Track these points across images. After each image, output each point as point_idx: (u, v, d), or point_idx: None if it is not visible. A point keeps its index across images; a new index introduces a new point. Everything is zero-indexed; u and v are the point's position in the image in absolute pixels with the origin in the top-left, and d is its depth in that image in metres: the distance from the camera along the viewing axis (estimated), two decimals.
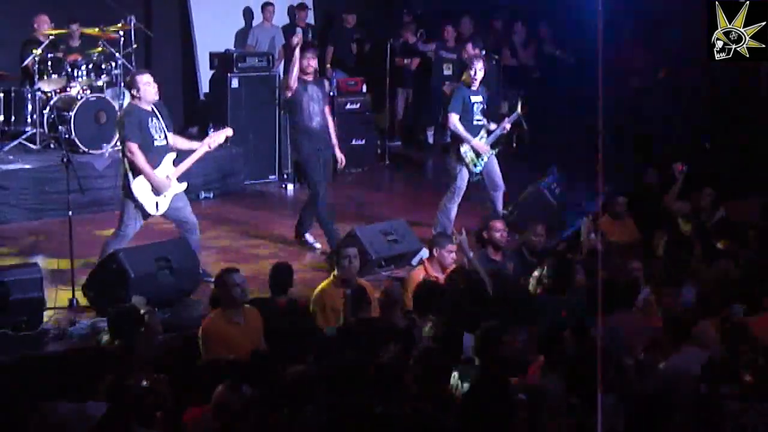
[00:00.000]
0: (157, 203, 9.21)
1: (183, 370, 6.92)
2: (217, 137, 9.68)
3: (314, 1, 16.63)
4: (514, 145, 11.76)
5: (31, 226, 11.33)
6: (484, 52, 13.60)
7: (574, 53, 15.38)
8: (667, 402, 5.85)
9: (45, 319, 8.47)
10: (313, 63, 10.75)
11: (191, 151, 9.59)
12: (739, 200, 11.05)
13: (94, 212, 11.57)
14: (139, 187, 9.12)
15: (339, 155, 10.82)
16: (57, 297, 8.91)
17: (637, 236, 10.36)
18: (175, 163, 9.33)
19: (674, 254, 9.03)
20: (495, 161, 11.23)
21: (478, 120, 11.16)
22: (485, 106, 11.30)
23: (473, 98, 11.15)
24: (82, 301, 8.83)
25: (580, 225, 10.10)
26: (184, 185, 9.40)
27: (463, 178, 11.10)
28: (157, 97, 9.31)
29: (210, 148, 9.57)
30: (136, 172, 9.11)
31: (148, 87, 9.24)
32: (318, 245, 10.89)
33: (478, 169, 11.08)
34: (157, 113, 9.30)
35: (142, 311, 7.31)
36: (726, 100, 13.74)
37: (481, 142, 11.09)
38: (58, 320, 8.55)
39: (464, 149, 11.05)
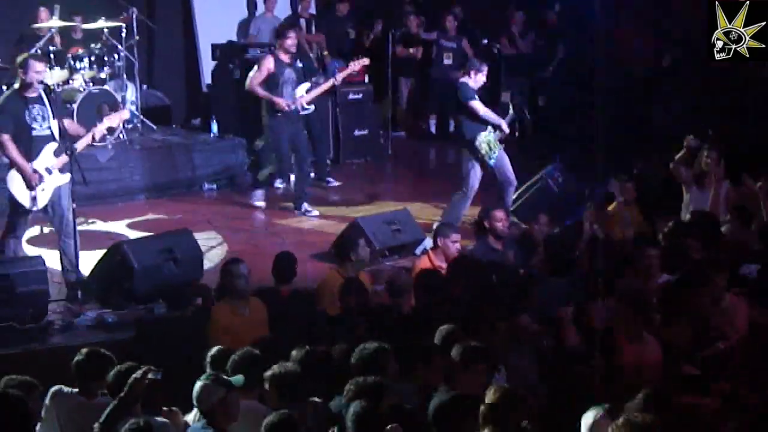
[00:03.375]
0: (34, 197, 8.71)
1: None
2: (107, 123, 9.24)
3: None
4: (517, 134, 11.72)
5: (34, 218, 11.33)
6: (486, 41, 13.57)
7: (576, 41, 15.34)
8: None
9: (49, 311, 8.50)
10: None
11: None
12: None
13: (97, 204, 11.61)
14: (13, 180, 8.72)
15: None
16: (61, 289, 8.94)
17: (643, 224, 10.35)
18: (57, 153, 8.77)
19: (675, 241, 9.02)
20: (505, 156, 11.08)
21: None
22: None
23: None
24: (86, 293, 8.84)
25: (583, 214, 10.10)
26: (67, 177, 8.77)
27: (477, 176, 10.91)
28: (40, 82, 8.71)
29: (95, 139, 9.12)
30: (11, 164, 8.73)
31: (38, 76, 8.68)
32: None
33: (493, 161, 10.88)
34: (45, 99, 8.74)
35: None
36: (732, 88, 13.73)
37: (504, 122, 10.97)
38: (63, 312, 8.58)
39: (479, 141, 10.88)
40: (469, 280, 7.92)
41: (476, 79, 11.00)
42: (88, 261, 9.15)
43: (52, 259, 9.19)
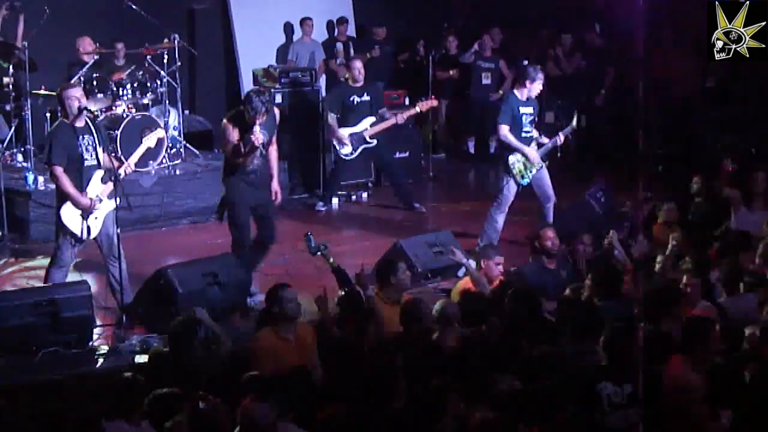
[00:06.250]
0: (88, 227, 8.82)
1: (230, 385, 6.95)
2: (144, 144, 9.35)
3: (354, 13, 16.73)
4: (560, 155, 11.70)
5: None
6: (526, 62, 13.55)
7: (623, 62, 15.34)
8: None
9: (95, 336, 8.56)
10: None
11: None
12: None
13: (141, 229, 11.70)
14: (68, 212, 8.79)
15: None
16: (107, 314, 9.00)
17: (685, 244, 10.27)
18: (104, 180, 8.89)
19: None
20: (546, 173, 11.10)
21: (526, 132, 11.01)
22: (535, 118, 11.22)
23: (522, 109, 10.98)
24: (131, 317, 8.89)
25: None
26: (113, 203, 8.90)
27: (510, 189, 11.00)
28: (85, 109, 8.75)
29: (129, 172, 9.14)
30: (64, 196, 8.78)
31: (82, 100, 8.82)
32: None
33: (525, 181, 10.97)
34: (92, 128, 8.86)
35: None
36: None
37: (530, 150, 11.01)
38: (108, 337, 8.63)
39: (512, 160, 10.93)
40: (515, 304, 7.81)
41: (531, 88, 10.97)
42: (133, 285, 9.22)
43: (97, 284, 9.27)
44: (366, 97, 12.92)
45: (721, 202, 10.68)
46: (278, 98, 13.97)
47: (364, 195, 14.04)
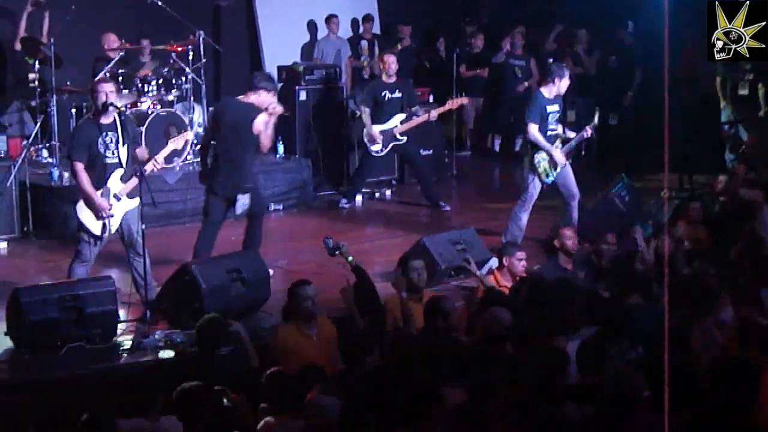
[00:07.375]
0: (104, 225, 8.85)
1: (254, 380, 6.97)
2: (171, 146, 9.44)
3: (378, 11, 16.74)
4: (583, 153, 11.68)
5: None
6: (552, 60, 13.53)
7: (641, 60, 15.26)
8: None
9: (119, 331, 8.60)
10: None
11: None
12: None
13: (166, 225, 11.75)
14: (83, 210, 8.83)
15: None
16: (130, 309, 9.04)
17: (709, 243, 10.23)
18: (123, 179, 8.91)
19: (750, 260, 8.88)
20: (569, 170, 11.14)
21: (552, 129, 11.05)
22: (560, 115, 11.25)
23: (549, 107, 11.02)
24: (155, 313, 8.93)
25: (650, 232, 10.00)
26: (136, 201, 8.94)
27: (536, 187, 11.02)
28: (112, 105, 8.77)
29: (156, 167, 9.17)
30: (81, 193, 8.80)
31: (111, 96, 8.80)
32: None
33: (550, 179, 10.99)
34: (119, 125, 8.85)
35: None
36: None
37: (557, 151, 11.03)
38: (132, 333, 8.67)
39: (538, 159, 10.96)
40: (532, 300, 7.77)
41: (560, 86, 11.00)
42: (157, 281, 9.26)
43: (122, 279, 9.31)
44: (398, 94, 12.98)
45: (746, 202, 10.61)
46: (303, 95, 14.01)
47: (388, 192, 14.04)
